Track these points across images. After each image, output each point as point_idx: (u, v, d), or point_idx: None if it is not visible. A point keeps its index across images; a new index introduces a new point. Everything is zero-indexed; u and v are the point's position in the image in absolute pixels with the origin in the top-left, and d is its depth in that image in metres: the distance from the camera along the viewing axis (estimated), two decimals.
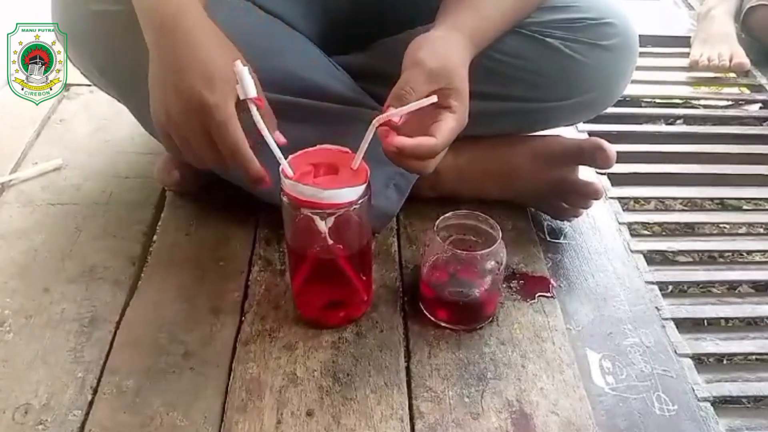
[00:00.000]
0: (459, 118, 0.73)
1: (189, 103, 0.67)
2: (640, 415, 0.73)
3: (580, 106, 0.95)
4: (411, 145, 0.70)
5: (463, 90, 0.73)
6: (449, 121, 0.72)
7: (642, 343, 0.82)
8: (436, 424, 0.71)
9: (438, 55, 0.72)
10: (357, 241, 0.76)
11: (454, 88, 0.72)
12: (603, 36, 0.90)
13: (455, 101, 0.73)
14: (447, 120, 0.72)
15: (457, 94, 0.73)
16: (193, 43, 0.68)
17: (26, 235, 0.94)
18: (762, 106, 1.43)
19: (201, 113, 0.67)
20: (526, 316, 0.84)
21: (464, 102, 0.74)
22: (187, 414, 0.71)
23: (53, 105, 1.21)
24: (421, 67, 0.71)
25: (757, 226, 1.12)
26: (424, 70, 0.71)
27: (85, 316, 0.82)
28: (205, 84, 0.67)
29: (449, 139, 0.73)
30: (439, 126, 0.72)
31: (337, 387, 0.74)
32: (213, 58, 0.68)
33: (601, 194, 0.92)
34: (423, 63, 0.71)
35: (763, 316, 0.92)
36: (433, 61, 0.71)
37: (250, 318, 0.82)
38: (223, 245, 0.93)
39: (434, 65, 0.71)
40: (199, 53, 0.68)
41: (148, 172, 1.04)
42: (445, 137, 0.72)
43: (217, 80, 0.67)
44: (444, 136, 0.72)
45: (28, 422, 0.70)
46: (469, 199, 0.96)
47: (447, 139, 0.72)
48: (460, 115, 0.73)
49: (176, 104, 0.68)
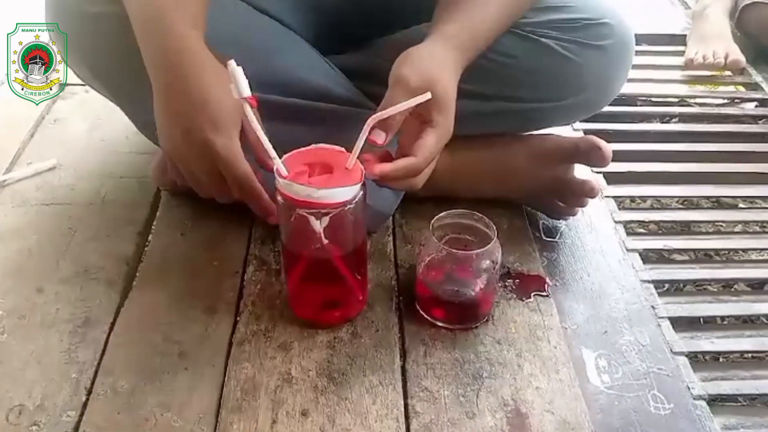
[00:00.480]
0: (440, 132, 0.73)
1: (197, 146, 0.70)
2: (635, 413, 0.73)
3: (575, 107, 0.95)
4: (391, 169, 0.72)
5: (445, 103, 0.73)
6: (429, 137, 0.73)
7: (638, 342, 0.82)
8: (432, 424, 0.71)
9: (421, 72, 0.72)
10: (352, 241, 0.76)
11: (438, 102, 0.72)
12: (598, 36, 0.90)
13: (438, 115, 0.73)
14: (427, 136, 0.73)
15: (439, 108, 0.72)
16: (197, 85, 0.69)
17: (20, 235, 0.93)
18: (757, 105, 1.43)
19: (208, 153, 0.69)
20: (521, 315, 0.84)
21: (447, 115, 0.74)
22: (182, 414, 0.71)
23: (48, 105, 1.21)
24: (404, 85, 0.71)
25: (752, 224, 1.13)
26: (406, 88, 0.71)
27: (79, 316, 0.82)
28: (211, 127, 0.69)
29: (431, 154, 0.73)
30: (420, 144, 0.72)
31: (333, 387, 0.74)
32: (217, 98, 0.69)
33: (598, 192, 0.92)
34: (405, 80, 0.72)
35: (759, 314, 0.92)
36: (415, 78, 0.71)
37: (245, 318, 0.82)
38: (218, 245, 0.92)
39: (416, 82, 0.71)
40: (203, 94, 0.69)
41: (143, 172, 1.04)
42: (426, 154, 0.72)
43: (222, 121, 0.69)
44: (424, 153, 0.72)
45: (22, 423, 0.69)
46: (464, 198, 0.96)
47: (428, 156, 0.73)
48: (441, 129, 0.73)
49: (184, 144, 0.70)
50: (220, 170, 0.71)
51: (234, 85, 0.67)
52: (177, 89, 0.70)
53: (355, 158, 0.71)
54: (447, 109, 0.74)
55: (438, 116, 0.73)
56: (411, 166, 0.72)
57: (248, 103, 0.68)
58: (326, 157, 0.72)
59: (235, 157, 0.70)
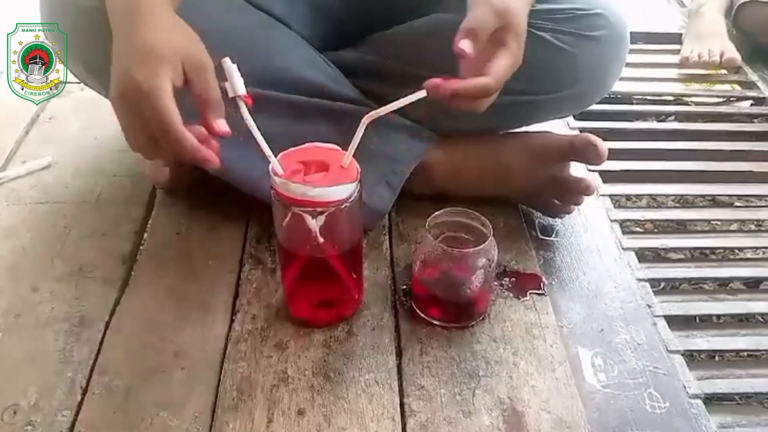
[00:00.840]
0: (514, 56, 0.73)
1: (122, 85, 0.65)
2: (631, 412, 0.73)
3: (570, 99, 0.95)
4: (465, 86, 0.70)
5: (521, 31, 0.73)
6: (503, 59, 0.72)
7: (633, 340, 0.82)
8: (428, 423, 0.71)
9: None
10: (348, 239, 0.76)
11: (514, 27, 0.72)
12: (592, 27, 0.90)
13: (512, 40, 0.72)
14: (502, 58, 0.72)
15: (516, 34, 0.72)
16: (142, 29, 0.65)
17: (15, 233, 0.93)
18: (753, 103, 1.43)
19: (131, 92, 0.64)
20: (517, 314, 0.84)
21: (521, 42, 0.73)
22: (178, 414, 0.70)
23: (43, 103, 1.20)
24: (488, 5, 0.70)
25: (748, 222, 1.13)
26: (491, 7, 0.70)
27: (74, 315, 0.81)
28: (138, 62, 0.64)
29: (504, 77, 0.72)
30: (494, 65, 0.71)
31: (329, 386, 0.74)
32: (156, 40, 0.65)
33: (593, 190, 0.92)
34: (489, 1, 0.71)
35: (755, 312, 0.92)
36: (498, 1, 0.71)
37: (241, 317, 0.82)
38: (214, 244, 0.92)
39: (499, 4, 0.71)
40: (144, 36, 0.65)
41: (138, 171, 1.03)
42: (499, 76, 0.72)
43: (152, 59, 0.64)
44: (498, 74, 0.71)
45: (17, 423, 0.69)
46: (460, 196, 0.95)
47: (501, 78, 0.72)
48: (515, 54, 0.73)
49: (115, 86, 0.65)
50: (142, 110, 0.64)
51: (229, 83, 0.66)
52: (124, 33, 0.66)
53: (351, 156, 0.71)
54: (521, 36, 0.73)
55: (512, 41, 0.72)
56: (484, 84, 0.71)
57: (243, 101, 0.68)
58: (322, 156, 0.72)
59: (155, 93, 0.63)
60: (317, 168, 0.71)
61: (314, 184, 0.69)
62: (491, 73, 0.71)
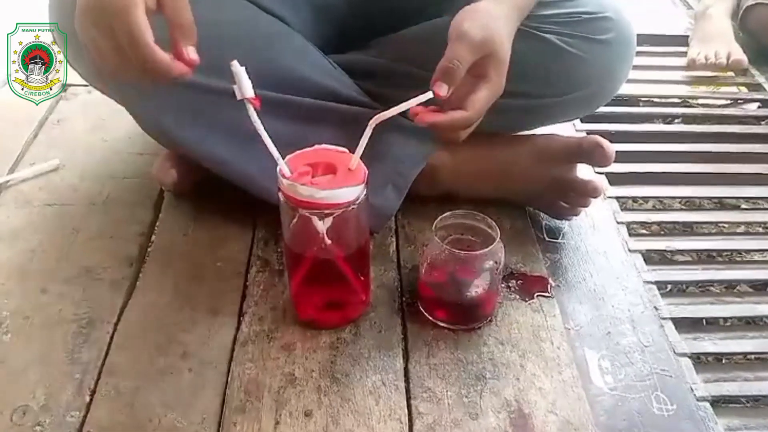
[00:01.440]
0: (493, 88, 0.74)
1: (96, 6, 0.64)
2: (638, 414, 0.73)
3: (577, 102, 0.95)
4: (443, 120, 0.73)
5: (502, 61, 0.74)
6: (482, 92, 0.73)
7: (640, 343, 0.82)
8: (435, 424, 0.71)
9: (483, 27, 0.73)
10: (355, 241, 0.76)
11: (495, 58, 0.73)
12: (599, 30, 0.90)
13: (493, 72, 0.73)
14: (480, 91, 0.73)
15: (497, 64, 0.73)
16: None
17: (23, 235, 0.94)
18: (760, 105, 1.42)
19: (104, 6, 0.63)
20: (524, 316, 0.84)
21: (501, 73, 0.74)
22: (186, 415, 0.71)
23: (51, 105, 1.21)
24: (467, 40, 0.72)
25: (755, 225, 1.12)
26: (469, 42, 0.71)
27: (82, 317, 0.82)
28: None
29: (482, 109, 0.74)
30: (473, 98, 0.73)
31: (336, 387, 0.74)
32: None
33: (601, 192, 0.92)
34: (468, 35, 0.72)
35: (762, 315, 0.92)
36: (478, 33, 0.72)
37: (248, 319, 0.82)
38: (221, 246, 0.93)
39: (479, 37, 0.72)
40: None
41: (145, 173, 1.04)
42: (478, 109, 0.73)
43: None
44: (476, 107, 0.73)
45: (26, 423, 0.70)
46: (467, 198, 0.96)
47: (479, 110, 0.73)
48: (494, 86, 0.74)
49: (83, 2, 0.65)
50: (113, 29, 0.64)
51: (237, 85, 0.67)
52: None
53: (358, 158, 0.71)
54: (502, 67, 0.74)
55: (493, 73, 0.73)
56: (462, 118, 0.73)
57: (251, 103, 0.68)
58: (329, 158, 0.72)
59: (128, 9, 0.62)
60: (324, 170, 0.72)
61: (322, 186, 0.69)
62: (470, 107, 0.73)
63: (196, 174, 0.96)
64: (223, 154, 0.87)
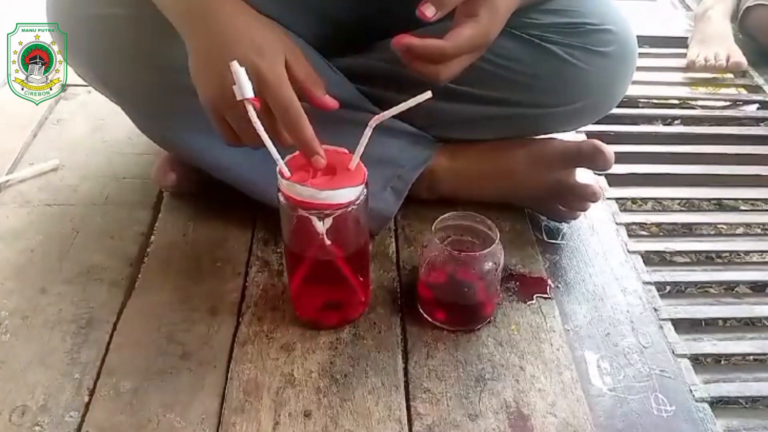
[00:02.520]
0: (480, 27, 0.70)
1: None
2: (637, 415, 0.73)
3: (577, 112, 0.94)
4: (419, 44, 0.69)
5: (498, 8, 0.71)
6: (467, 28, 0.70)
7: (640, 344, 0.82)
8: (434, 426, 0.71)
9: None
10: (354, 242, 0.76)
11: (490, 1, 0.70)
12: (602, 42, 0.90)
13: (484, 12, 0.70)
14: (465, 26, 0.70)
15: (487, 5, 0.70)
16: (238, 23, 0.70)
17: (23, 235, 0.94)
18: (759, 107, 1.43)
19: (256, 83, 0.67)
20: (523, 317, 0.84)
21: (493, 15, 0.71)
22: (185, 415, 0.71)
23: (50, 105, 1.21)
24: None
25: (754, 226, 1.12)
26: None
27: (82, 317, 0.82)
28: (255, 52, 0.68)
29: (463, 44, 0.70)
30: (455, 31, 0.70)
31: (335, 388, 0.74)
32: (260, 34, 0.70)
33: (599, 196, 0.92)
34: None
35: (761, 316, 0.92)
36: None
37: (248, 319, 0.82)
38: (221, 246, 0.93)
39: None
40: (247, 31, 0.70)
41: (145, 173, 1.04)
42: (458, 42, 0.69)
43: (267, 48, 0.69)
44: (456, 41, 0.69)
45: (25, 423, 0.70)
46: (466, 200, 0.96)
47: (460, 44, 0.70)
48: (482, 26, 0.70)
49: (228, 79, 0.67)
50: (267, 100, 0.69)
51: (237, 86, 0.67)
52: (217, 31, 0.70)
53: (358, 160, 0.71)
54: (492, 11, 0.71)
55: (483, 12, 0.70)
56: (437, 46, 0.69)
57: (251, 104, 0.68)
58: (329, 158, 0.72)
59: (280, 81, 0.69)
60: (324, 171, 0.72)
61: (321, 186, 0.69)
62: (449, 38, 0.69)
63: (196, 176, 0.96)
64: (223, 159, 0.87)
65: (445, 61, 0.71)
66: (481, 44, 0.72)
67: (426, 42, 0.69)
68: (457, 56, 0.71)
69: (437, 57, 0.70)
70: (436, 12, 0.68)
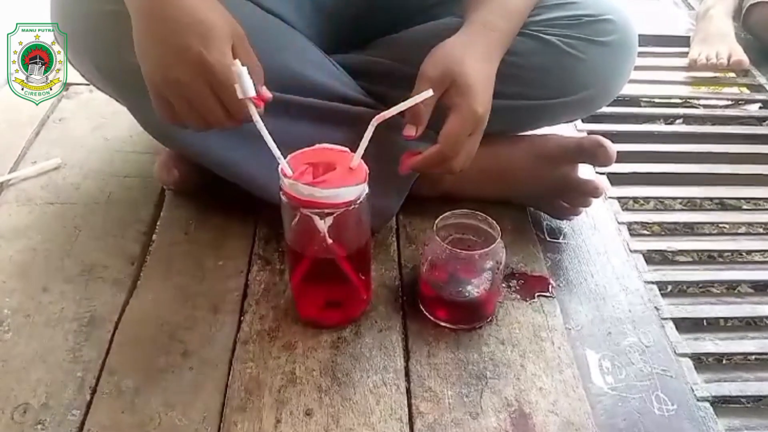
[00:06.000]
0: (463, 114, 0.75)
1: (190, 64, 0.67)
2: (639, 414, 0.73)
3: (578, 103, 0.95)
4: (421, 162, 0.78)
5: (465, 85, 0.76)
6: (451, 123, 0.75)
7: (641, 343, 0.82)
8: (435, 424, 0.71)
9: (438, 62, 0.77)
10: (356, 241, 0.76)
11: (457, 86, 0.74)
12: (601, 32, 0.90)
13: (458, 98, 0.75)
14: (449, 123, 0.76)
15: (458, 91, 0.75)
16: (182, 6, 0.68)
17: (25, 234, 0.94)
18: (761, 106, 1.43)
19: (202, 70, 0.67)
20: (525, 316, 0.84)
21: (468, 97, 0.76)
22: (186, 413, 0.71)
23: (52, 104, 1.21)
24: (424, 79, 0.76)
25: (756, 225, 1.13)
26: (426, 81, 0.76)
27: (84, 315, 0.82)
28: (203, 43, 0.67)
29: (456, 138, 0.76)
30: (443, 132, 0.76)
31: (336, 387, 0.74)
32: (208, 17, 0.68)
33: (602, 192, 0.92)
34: (424, 75, 0.77)
35: (763, 315, 0.92)
36: (433, 69, 0.76)
37: (249, 317, 0.82)
38: (223, 244, 0.93)
39: (435, 73, 0.76)
40: (193, 14, 0.68)
41: (147, 172, 1.04)
42: (450, 140, 0.75)
43: (214, 37, 0.67)
44: (448, 140, 0.75)
45: (27, 422, 0.70)
46: (468, 198, 0.96)
47: (453, 142, 0.76)
48: (464, 112, 0.75)
49: (177, 65, 0.67)
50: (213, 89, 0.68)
51: (238, 85, 0.67)
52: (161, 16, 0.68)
53: (359, 158, 0.71)
54: (467, 91, 0.75)
55: (459, 99, 0.75)
56: (437, 154, 0.76)
57: (253, 102, 0.68)
58: (330, 157, 0.72)
59: (226, 73, 0.67)
60: (326, 169, 0.72)
61: (323, 185, 0.69)
62: (442, 141, 0.76)
63: (198, 173, 0.96)
64: (226, 157, 0.87)
65: (450, 159, 0.78)
66: (474, 124, 0.78)
67: (425, 156, 0.78)
68: (458, 150, 0.78)
69: (439, 161, 0.78)
70: (416, 129, 0.77)
